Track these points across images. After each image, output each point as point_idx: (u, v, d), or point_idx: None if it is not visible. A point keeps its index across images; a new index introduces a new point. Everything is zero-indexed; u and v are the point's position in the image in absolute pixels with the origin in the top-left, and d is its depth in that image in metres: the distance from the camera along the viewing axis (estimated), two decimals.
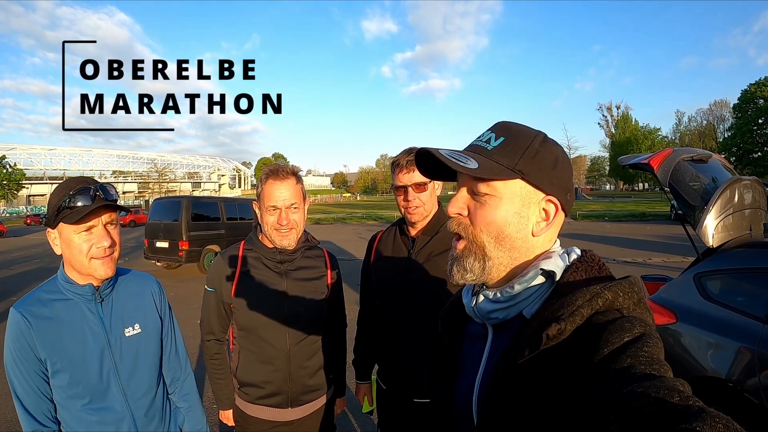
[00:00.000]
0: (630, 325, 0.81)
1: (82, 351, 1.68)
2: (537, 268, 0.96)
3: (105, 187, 1.70)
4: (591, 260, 0.98)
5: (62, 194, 1.62)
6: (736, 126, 64.65)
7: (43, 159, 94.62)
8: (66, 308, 1.69)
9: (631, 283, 0.89)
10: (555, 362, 0.84)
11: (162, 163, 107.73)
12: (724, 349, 3.44)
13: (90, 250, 1.64)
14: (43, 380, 1.64)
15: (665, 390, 0.65)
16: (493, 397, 0.94)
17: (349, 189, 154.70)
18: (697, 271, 3.89)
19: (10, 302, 10.81)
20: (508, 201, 0.97)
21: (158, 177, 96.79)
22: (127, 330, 1.80)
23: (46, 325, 1.64)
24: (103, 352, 1.72)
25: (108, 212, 1.68)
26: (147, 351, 1.87)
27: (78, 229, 1.62)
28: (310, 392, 2.27)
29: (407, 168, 2.21)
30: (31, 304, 1.67)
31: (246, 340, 2.23)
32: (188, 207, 14.13)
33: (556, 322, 0.83)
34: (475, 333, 1.12)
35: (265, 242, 2.26)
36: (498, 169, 0.95)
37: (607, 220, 32.35)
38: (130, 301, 1.87)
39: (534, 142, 0.98)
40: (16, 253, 22.90)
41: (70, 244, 1.64)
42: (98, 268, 1.66)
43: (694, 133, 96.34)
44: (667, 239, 18.93)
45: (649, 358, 0.75)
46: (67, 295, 1.71)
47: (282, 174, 2.16)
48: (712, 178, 3.94)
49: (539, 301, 0.96)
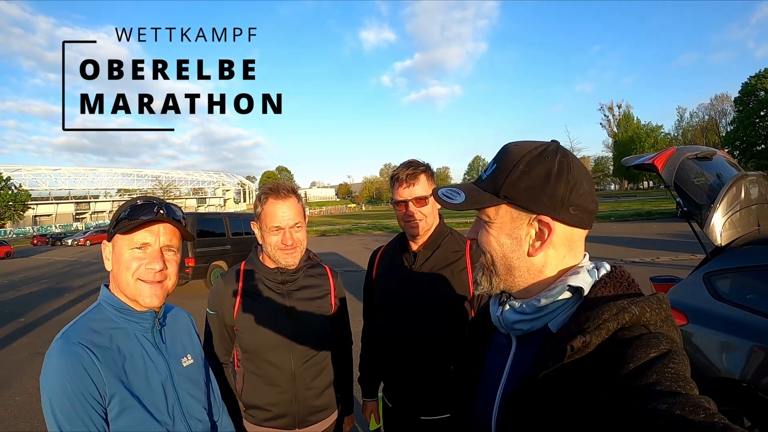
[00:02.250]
0: (656, 341, 0.82)
1: (147, 385, 1.50)
2: (564, 284, 0.97)
3: (170, 206, 1.59)
4: (620, 276, 0.98)
5: (126, 206, 1.54)
6: (738, 119, 64.70)
7: (48, 179, 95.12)
8: (123, 338, 1.51)
9: (659, 300, 0.89)
10: (579, 375, 0.84)
11: (166, 179, 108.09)
12: (737, 349, 3.39)
13: (138, 269, 1.50)
14: (105, 424, 1.39)
15: (690, 407, 0.66)
16: (514, 409, 0.95)
17: (354, 199, 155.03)
18: (707, 271, 3.85)
19: (18, 323, 10.89)
20: (498, 226, 1.02)
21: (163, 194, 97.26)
22: (183, 360, 1.67)
23: (110, 356, 1.44)
24: (165, 384, 1.55)
25: (168, 234, 1.55)
26: (200, 382, 1.74)
27: (131, 244, 1.50)
28: (318, 412, 2.25)
29: (407, 182, 2.19)
30: (88, 334, 1.44)
31: (250, 362, 2.20)
32: (193, 224, 14.17)
33: (582, 335, 0.84)
34: (499, 343, 1.13)
35: (266, 262, 2.24)
36: (482, 198, 1.01)
37: (614, 220, 32.32)
38: (179, 330, 1.75)
39: (519, 164, 0.98)
40: (22, 274, 23.02)
41: (120, 260, 1.51)
42: (143, 293, 1.51)
43: (696, 129, 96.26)
44: (675, 237, 18.86)
45: (675, 375, 0.75)
46: (120, 323, 1.53)
47: (283, 193, 2.14)
48: (717, 175, 3.92)
49: (566, 315, 0.97)
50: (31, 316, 11.77)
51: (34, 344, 8.96)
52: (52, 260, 31.37)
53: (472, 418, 1.13)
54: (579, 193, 0.98)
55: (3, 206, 65.30)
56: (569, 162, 0.99)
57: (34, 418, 5.56)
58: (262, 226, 2.16)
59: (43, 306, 13.22)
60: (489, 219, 1.02)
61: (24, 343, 9.14)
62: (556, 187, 0.96)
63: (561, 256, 1.00)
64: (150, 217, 1.49)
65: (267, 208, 2.12)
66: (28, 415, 5.69)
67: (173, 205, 1.61)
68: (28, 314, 12.03)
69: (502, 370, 1.06)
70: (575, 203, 0.97)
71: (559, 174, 0.97)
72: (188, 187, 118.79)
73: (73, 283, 18.24)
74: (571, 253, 1.01)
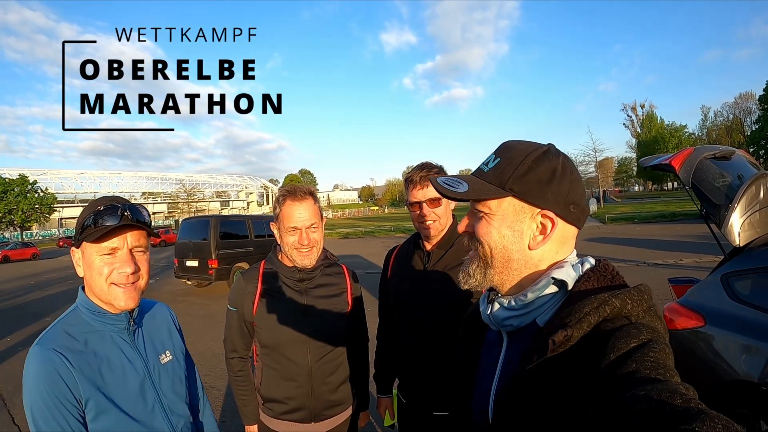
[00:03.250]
0: (637, 331, 0.83)
1: (124, 385, 1.52)
2: (549, 277, 0.99)
3: (135, 207, 1.57)
4: (604, 269, 1.00)
5: (88, 212, 1.51)
6: (763, 118, 63.15)
7: (74, 183, 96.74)
8: (98, 341, 1.53)
9: (640, 291, 0.91)
10: (562, 368, 0.86)
11: (190, 183, 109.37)
12: (756, 352, 3.34)
13: (111, 274, 1.49)
14: (82, 426, 1.41)
15: (667, 393, 0.67)
16: (506, 404, 0.97)
17: (377, 202, 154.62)
18: (725, 272, 3.80)
19: (44, 323, 11.07)
20: (500, 218, 1.02)
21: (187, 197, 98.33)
22: (161, 357, 1.68)
23: (84, 360, 1.45)
24: (143, 383, 1.57)
25: (136, 235, 1.54)
26: (180, 376, 1.75)
27: (101, 250, 1.49)
28: (333, 407, 2.30)
29: (421, 184, 2.23)
30: (62, 339, 1.47)
31: (268, 357, 2.27)
32: (217, 226, 14.35)
33: (563, 329, 0.86)
34: (492, 340, 1.15)
35: (284, 261, 2.31)
36: (487, 190, 1.01)
37: (637, 222, 31.92)
38: (157, 328, 1.76)
39: (527, 160, 1.00)
40: (49, 275, 23.42)
41: (91, 266, 1.50)
42: (118, 296, 1.51)
43: (721, 128, 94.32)
44: (699, 239, 18.48)
45: (654, 363, 0.76)
46: (96, 326, 1.54)
47: (300, 195, 2.20)
48: (737, 175, 3.86)
49: (552, 309, 0.98)
50: (56, 316, 11.79)
51: None
52: None
53: (471, 415, 1.15)
54: (578, 193, 1.02)
55: (29, 209, 66.38)
56: (570, 163, 1.04)
57: None
58: (280, 227, 2.23)
59: (67, 306, 13.17)
60: (490, 211, 1.02)
61: None
62: (560, 185, 1.00)
63: (554, 252, 1.03)
64: (113, 224, 1.48)
65: (284, 210, 2.19)
66: None
67: (137, 206, 1.59)
68: (53, 314, 12.22)
69: (495, 366, 1.08)
70: (575, 201, 1.01)
71: (563, 173, 1.01)
72: (212, 190, 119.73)
73: None
74: (563, 250, 1.04)
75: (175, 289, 15.53)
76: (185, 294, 14.65)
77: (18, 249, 38.83)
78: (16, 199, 65.45)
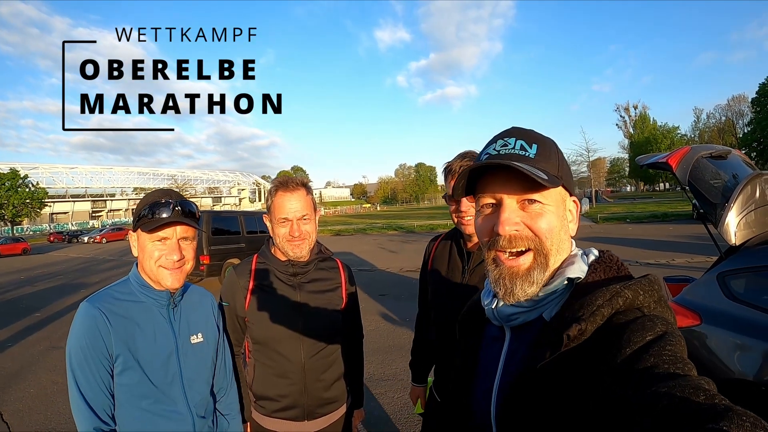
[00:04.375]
0: (651, 323, 0.81)
1: (152, 352, 1.73)
2: (563, 277, 0.97)
3: (186, 203, 1.80)
4: (609, 260, 0.99)
5: (145, 203, 1.75)
6: (755, 121, 63.49)
7: (65, 177, 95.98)
8: (140, 310, 1.75)
9: (650, 282, 0.89)
10: (577, 364, 0.84)
11: (182, 178, 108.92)
12: (751, 350, 3.35)
13: (160, 258, 1.73)
14: (109, 376, 1.66)
15: (690, 389, 0.65)
16: (512, 402, 0.94)
17: (369, 199, 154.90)
18: (721, 271, 3.81)
19: (34, 318, 11.04)
20: (555, 207, 0.99)
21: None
22: (192, 337, 1.88)
23: (122, 323, 1.68)
24: (170, 356, 1.78)
25: (184, 227, 1.78)
26: (206, 359, 1.93)
27: (153, 238, 1.73)
28: (327, 404, 2.25)
29: None
30: (108, 302, 1.71)
31: (261, 353, 2.22)
32: (208, 221, 14.29)
33: (577, 323, 0.83)
34: (492, 335, 1.12)
35: (277, 255, 2.26)
36: (554, 178, 0.96)
37: (629, 222, 32.10)
38: (195, 311, 1.94)
39: (557, 147, 1.03)
40: (39, 270, 23.32)
41: (144, 249, 1.75)
42: (165, 278, 1.75)
43: (713, 130, 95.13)
44: (691, 239, 18.69)
45: (672, 357, 0.74)
46: (141, 298, 1.78)
47: (291, 186, 2.16)
48: (733, 175, 3.87)
49: (559, 303, 0.97)
50: (47, 311, 11.94)
51: (50, 338, 9.10)
52: (69, 257, 31.75)
53: (471, 413, 1.11)
54: None
55: (20, 204, 66.04)
56: None
57: (48, 410, 5.64)
58: (272, 219, 2.19)
59: (58, 302, 13.41)
60: (547, 202, 0.97)
61: (39, 338, 9.28)
62: (571, 174, 1.05)
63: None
64: (166, 217, 1.71)
65: (276, 201, 2.15)
66: (42, 407, 5.76)
67: (189, 201, 1.82)
68: (44, 309, 12.21)
69: (497, 362, 1.05)
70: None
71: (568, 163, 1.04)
72: (204, 186, 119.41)
73: (89, 279, 18.44)
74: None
75: None
76: None
77: (8, 244, 38.66)
78: (7, 194, 65.24)
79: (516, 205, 0.97)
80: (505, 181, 0.96)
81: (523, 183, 0.93)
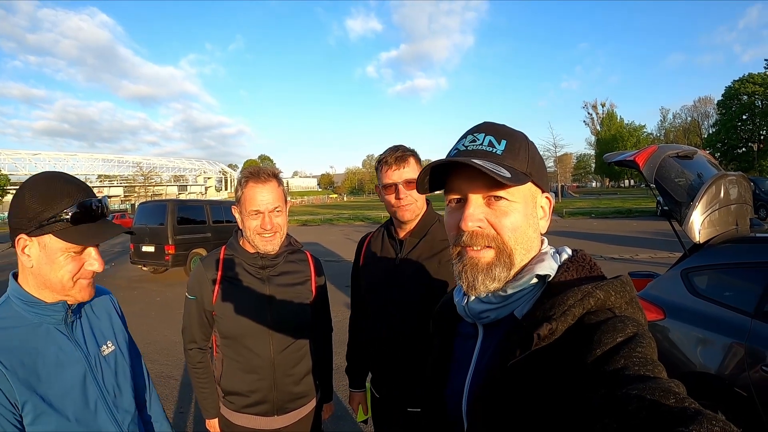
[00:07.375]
0: (622, 325, 0.81)
1: (63, 383, 1.39)
2: (532, 274, 0.96)
3: (106, 201, 1.48)
4: (582, 260, 0.99)
5: (59, 201, 1.36)
6: (720, 122, 65.01)
7: (28, 164, 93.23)
8: (33, 335, 1.39)
9: (622, 282, 0.89)
10: (547, 363, 0.83)
11: (147, 166, 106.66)
12: (713, 345, 3.46)
13: (80, 270, 1.41)
14: (19, 430, 1.29)
15: (660, 392, 0.65)
16: (483, 400, 0.93)
17: (336, 190, 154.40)
18: (684, 267, 3.90)
19: None
20: (523, 204, 0.98)
21: (144, 180, 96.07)
22: (103, 348, 1.57)
23: (18, 358, 1.32)
24: (85, 378, 1.46)
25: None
26: (124, 368, 1.64)
27: (71, 248, 1.37)
28: (297, 399, 2.23)
29: (397, 164, 2.13)
30: None
31: (229, 348, 2.17)
32: (174, 210, 14.02)
33: (548, 322, 0.83)
34: (465, 333, 1.12)
35: (246, 247, 2.21)
36: (521, 176, 0.95)
37: (594, 217, 32.56)
38: (97, 317, 1.63)
39: (528, 143, 1.01)
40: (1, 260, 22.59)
41: (54, 262, 1.37)
42: (83, 290, 1.44)
43: (678, 130, 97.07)
44: (654, 235, 19.08)
45: (642, 359, 0.74)
46: (29, 318, 1.40)
47: (263, 176, 2.10)
48: (698, 174, 3.95)
49: (531, 301, 0.96)
50: None
51: None
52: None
53: (443, 413, 1.12)
54: None
55: None
56: None
57: None
58: (242, 210, 2.12)
59: None
60: (514, 199, 0.96)
61: None
62: (545, 168, 1.05)
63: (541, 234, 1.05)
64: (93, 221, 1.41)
65: (247, 192, 2.09)
66: None
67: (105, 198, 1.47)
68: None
69: (469, 359, 1.05)
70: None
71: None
72: (169, 174, 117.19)
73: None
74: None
75: (131, 275, 15.09)
76: (141, 280, 14.26)
77: None
78: None
79: (481, 200, 0.97)
80: (470, 178, 0.96)
81: (488, 180, 0.92)
